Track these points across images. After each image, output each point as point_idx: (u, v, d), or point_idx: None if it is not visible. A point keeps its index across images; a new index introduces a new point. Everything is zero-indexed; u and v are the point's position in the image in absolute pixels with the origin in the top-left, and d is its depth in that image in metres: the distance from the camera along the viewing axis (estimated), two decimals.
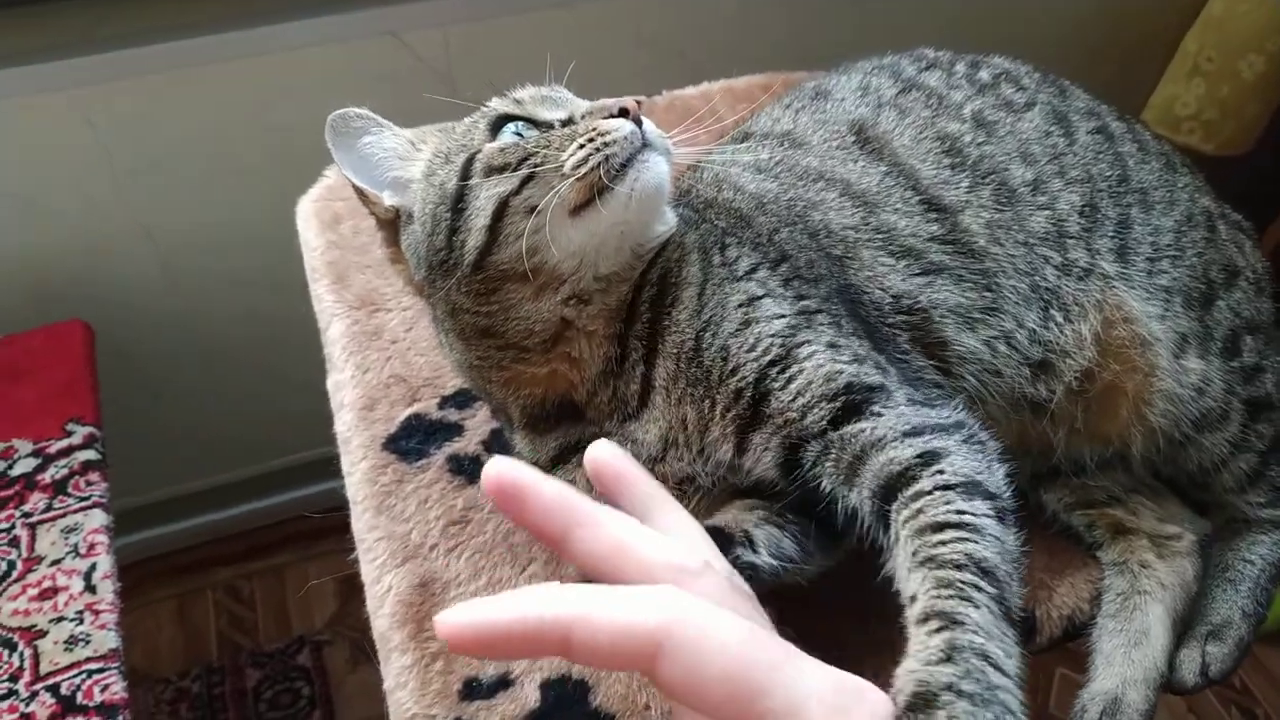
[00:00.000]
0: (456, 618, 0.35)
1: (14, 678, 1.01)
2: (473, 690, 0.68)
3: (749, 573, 0.61)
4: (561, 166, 0.59)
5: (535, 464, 0.71)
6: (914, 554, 0.52)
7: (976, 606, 0.49)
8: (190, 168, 1.43)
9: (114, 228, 1.46)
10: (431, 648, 0.70)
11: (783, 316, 0.64)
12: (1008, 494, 0.57)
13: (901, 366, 0.68)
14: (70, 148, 1.36)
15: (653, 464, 0.67)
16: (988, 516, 0.54)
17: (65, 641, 1.03)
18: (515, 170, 0.60)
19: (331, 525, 0.83)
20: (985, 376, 0.72)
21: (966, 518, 0.53)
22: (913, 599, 0.51)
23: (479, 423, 0.83)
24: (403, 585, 0.72)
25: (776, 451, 0.62)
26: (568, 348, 0.65)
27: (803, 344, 0.63)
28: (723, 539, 0.62)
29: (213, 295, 1.59)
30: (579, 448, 0.69)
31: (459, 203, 0.62)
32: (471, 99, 0.71)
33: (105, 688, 1.00)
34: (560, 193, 0.59)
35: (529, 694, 0.68)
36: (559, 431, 0.69)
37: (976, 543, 0.51)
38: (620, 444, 0.65)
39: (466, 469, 0.80)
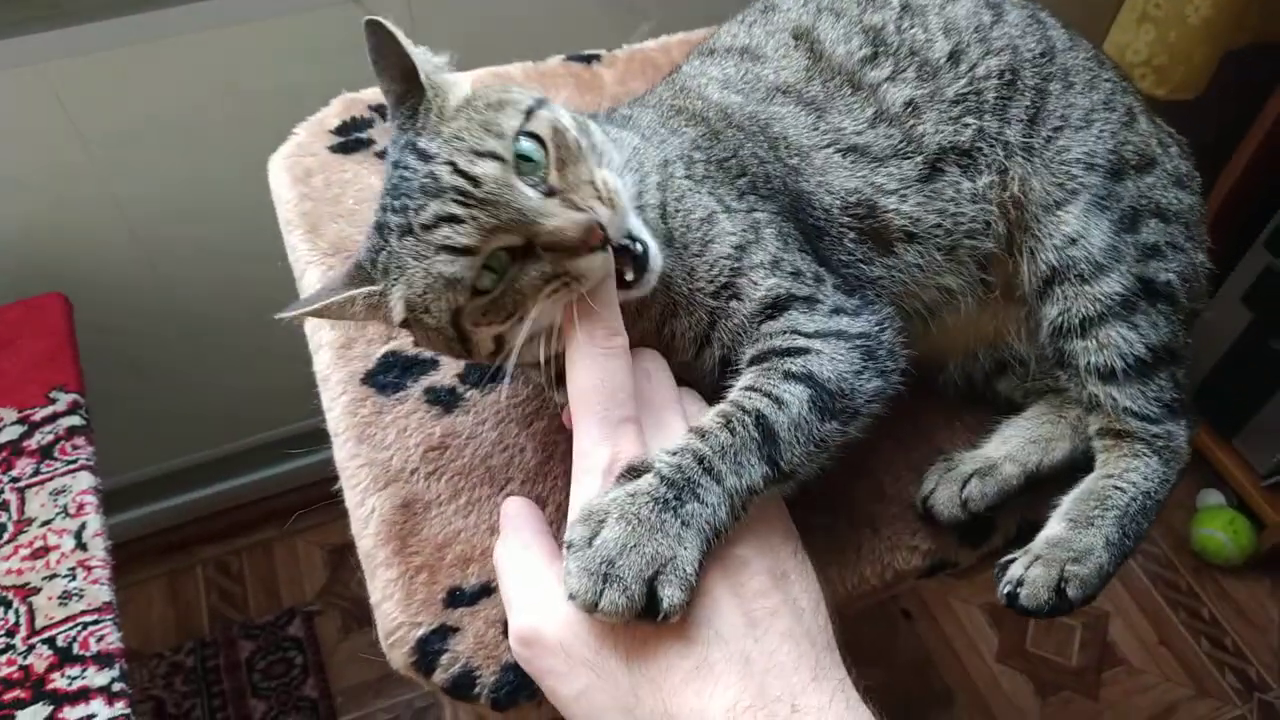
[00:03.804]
0: None
1: (10, 633, 1.03)
2: (456, 598, 0.71)
3: None
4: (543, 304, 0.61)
5: None
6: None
7: (734, 434, 0.60)
8: (161, 140, 1.44)
9: (88, 203, 1.47)
10: (415, 561, 0.73)
11: (733, 234, 0.70)
12: (861, 400, 0.66)
13: (844, 272, 0.74)
14: (39, 123, 1.37)
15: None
16: (802, 402, 0.63)
17: (59, 597, 1.06)
18: (503, 322, 0.63)
19: (319, 497, 0.84)
20: (928, 250, 0.77)
21: (779, 391, 0.63)
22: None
23: None
24: (385, 506, 0.75)
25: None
26: None
27: (754, 267, 0.69)
28: None
29: (190, 268, 1.61)
30: None
31: (461, 337, 0.65)
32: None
33: (101, 638, 1.03)
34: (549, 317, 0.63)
35: None
36: None
37: (771, 411, 0.62)
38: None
39: (443, 399, 0.83)
